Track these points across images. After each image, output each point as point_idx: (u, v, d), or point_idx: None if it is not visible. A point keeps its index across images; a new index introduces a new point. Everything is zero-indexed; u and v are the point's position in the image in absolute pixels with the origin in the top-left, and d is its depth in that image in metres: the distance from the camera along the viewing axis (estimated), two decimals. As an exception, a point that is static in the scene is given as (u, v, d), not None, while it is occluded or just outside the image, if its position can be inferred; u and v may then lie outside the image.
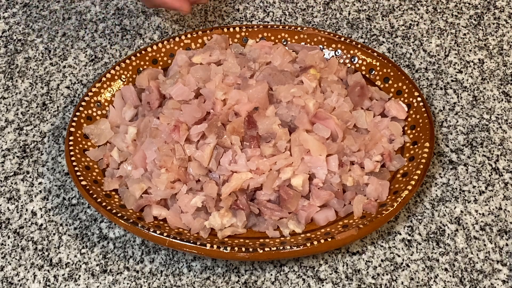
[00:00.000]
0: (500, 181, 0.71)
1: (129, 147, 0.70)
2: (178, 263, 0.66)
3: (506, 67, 0.81)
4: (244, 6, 0.88)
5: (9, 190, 0.72)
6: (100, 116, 0.74)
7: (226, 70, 0.72)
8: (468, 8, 0.88)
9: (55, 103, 0.79)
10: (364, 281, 0.64)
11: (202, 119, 0.68)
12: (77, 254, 0.67)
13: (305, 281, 0.64)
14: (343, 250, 0.66)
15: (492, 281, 0.64)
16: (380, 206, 0.66)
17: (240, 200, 0.65)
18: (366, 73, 0.77)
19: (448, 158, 0.73)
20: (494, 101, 0.78)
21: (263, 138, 0.67)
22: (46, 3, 0.90)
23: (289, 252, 0.62)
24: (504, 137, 0.75)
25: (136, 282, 0.65)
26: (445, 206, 0.69)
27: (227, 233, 0.65)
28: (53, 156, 0.74)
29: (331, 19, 0.86)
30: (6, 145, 0.75)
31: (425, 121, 0.71)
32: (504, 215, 0.69)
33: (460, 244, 0.67)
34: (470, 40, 0.84)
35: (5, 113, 0.78)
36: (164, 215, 0.66)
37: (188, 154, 0.67)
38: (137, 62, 0.77)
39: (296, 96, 0.69)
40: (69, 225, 0.69)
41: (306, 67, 0.74)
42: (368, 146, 0.69)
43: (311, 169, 0.66)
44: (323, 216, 0.66)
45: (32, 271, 0.66)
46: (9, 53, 0.84)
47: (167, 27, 0.86)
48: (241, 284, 0.65)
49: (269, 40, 0.80)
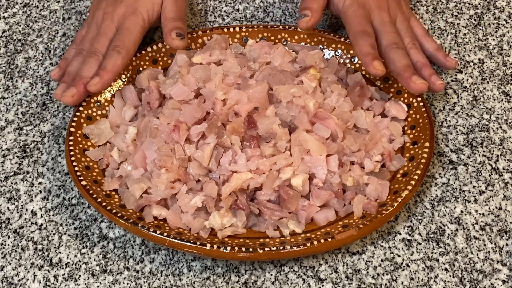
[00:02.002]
0: (500, 181, 0.71)
1: (129, 147, 0.70)
2: (178, 263, 0.66)
3: (506, 67, 0.81)
4: (244, 6, 0.89)
5: (9, 190, 0.72)
6: (100, 116, 0.74)
7: (226, 70, 0.72)
8: (468, 8, 0.88)
9: (55, 103, 0.79)
10: (364, 281, 0.64)
11: (202, 119, 0.68)
12: (77, 254, 0.67)
13: (305, 281, 0.64)
14: (343, 250, 0.66)
15: (492, 281, 0.64)
16: (380, 206, 0.66)
17: (240, 200, 0.65)
18: (366, 73, 0.77)
19: (448, 158, 0.73)
20: (494, 101, 0.78)
21: (263, 138, 0.67)
22: (46, 3, 0.90)
23: (289, 252, 0.62)
24: (504, 137, 0.75)
25: (136, 282, 0.65)
26: (445, 206, 0.69)
27: (227, 233, 0.65)
28: (53, 156, 0.74)
29: (331, 19, 0.86)
30: (6, 145, 0.75)
31: (425, 121, 0.71)
32: (504, 215, 0.69)
33: (460, 244, 0.67)
34: (470, 40, 0.84)
35: (5, 113, 0.78)
36: (164, 215, 0.66)
37: (188, 154, 0.67)
38: (137, 62, 0.77)
39: (296, 96, 0.69)
40: (69, 225, 0.69)
41: (306, 67, 0.74)
42: (368, 146, 0.69)
43: (311, 169, 0.66)
44: (323, 216, 0.66)
45: (32, 271, 0.66)
46: (9, 53, 0.84)
47: (167, 27, 0.86)
48: (241, 284, 0.65)
49: (269, 40, 0.80)
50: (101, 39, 0.75)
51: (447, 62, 0.78)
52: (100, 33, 0.76)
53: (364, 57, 0.71)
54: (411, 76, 0.70)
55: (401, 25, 0.77)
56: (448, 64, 0.78)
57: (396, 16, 0.77)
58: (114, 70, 0.72)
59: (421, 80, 0.70)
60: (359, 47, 0.72)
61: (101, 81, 0.71)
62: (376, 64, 0.70)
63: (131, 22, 0.76)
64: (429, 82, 0.72)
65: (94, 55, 0.74)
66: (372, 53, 0.70)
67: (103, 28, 0.76)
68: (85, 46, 0.77)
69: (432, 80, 0.73)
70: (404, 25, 0.77)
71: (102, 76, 0.72)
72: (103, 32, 0.76)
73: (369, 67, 0.70)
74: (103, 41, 0.75)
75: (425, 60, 0.75)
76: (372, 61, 0.70)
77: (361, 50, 0.71)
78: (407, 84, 0.70)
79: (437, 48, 0.79)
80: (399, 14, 0.78)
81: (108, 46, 0.75)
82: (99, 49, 0.75)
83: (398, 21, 0.77)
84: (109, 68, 0.72)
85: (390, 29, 0.74)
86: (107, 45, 0.75)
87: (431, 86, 0.73)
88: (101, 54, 0.74)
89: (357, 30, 0.73)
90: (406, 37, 0.76)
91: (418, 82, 0.69)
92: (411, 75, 0.70)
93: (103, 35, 0.76)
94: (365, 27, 0.73)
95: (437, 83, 0.73)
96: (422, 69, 0.74)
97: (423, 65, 0.74)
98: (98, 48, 0.75)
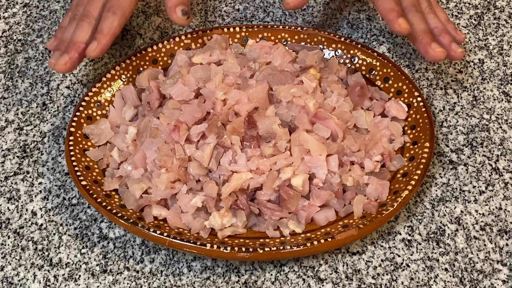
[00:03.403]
0: (500, 181, 0.71)
1: (129, 147, 0.70)
2: (178, 263, 0.66)
3: (506, 67, 0.81)
4: (244, 6, 0.89)
5: (9, 190, 0.72)
6: (100, 116, 0.74)
7: (226, 70, 0.72)
8: (468, 8, 0.88)
9: (55, 103, 0.79)
10: (364, 281, 0.64)
11: (202, 119, 0.68)
12: (77, 254, 0.67)
13: (305, 281, 0.64)
14: (343, 250, 0.66)
15: (492, 281, 0.64)
16: (380, 206, 0.66)
17: (240, 200, 0.65)
18: (366, 73, 0.77)
19: (448, 158, 0.73)
20: (494, 101, 0.78)
21: (263, 138, 0.67)
22: (46, 3, 0.90)
23: (289, 252, 0.62)
24: (504, 137, 0.75)
25: (136, 282, 0.65)
26: (445, 206, 0.69)
27: (227, 233, 0.65)
28: (53, 156, 0.74)
29: (331, 19, 0.86)
30: (6, 145, 0.75)
31: (425, 121, 0.71)
32: (504, 215, 0.69)
33: (460, 244, 0.67)
34: (470, 40, 0.84)
35: (5, 113, 0.78)
36: (164, 215, 0.66)
37: (188, 154, 0.67)
38: (137, 62, 0.77)
39: (296, 96, 0.69)
40: (69, 225, 0.69)
41: (306, 67, 0.74)
42: (368, 146, 0.69)
43: (311, 169, 0.66)
44: (323, 216, 0.66)
45: (32, 271, 0.66)
46: (9, 53, 0.84)
47: (167, 27, 0.86)
48: (241, 284, 0.65)
49: (269, 40, 0.80)
50: (94, 2, 0.72)
51: (457, 35, 0.74)
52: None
53: (388, 13, 0.67)
54: (430, 42, 0.67)
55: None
56: (458, 38, 0.74)
57: None
58: (111, 32, 0.69)
59: (440, 48, 0.67)
60: (381, 3, 0.68)
61: (100, 45, 0.68)
62: (401, 22, 0.66)
63: None
64: (449, 49, 0.70)
65: (87, 19, 0.71)
66: (397, 10, 0.67)
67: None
68: (79, 11, 0.74)
69: (453, 47, 0.70)
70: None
71: (100, 40, 0.69)
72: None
73: (394, 24, 0.66)
74: (96, 3, 0.72)
75: (443, 26, 0.72)
76: (397, 18, 0.66)
77: (385, 6, 0.67)
78: (425, 50, 0.68)
79: (447, 19, 0.75)
80: None
81: (101, 9, 0.72)
82: (91, 12, 0.71)
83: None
84: (106, 31, 0.69)
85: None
86: (100, 8, 0.72)
87: (450, 54, 0.70)
88: (93, 17, 0.71)
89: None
90: (424, 1, 0.74)
91: (438, 50, 0.67)
92: (430, 41, 0.67)
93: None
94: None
95: (458, 51, 0.70)
96: (441, 35, 0.71)
97: (442, 31, 0.71)
98: (90, 11, 0.72)
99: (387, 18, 0.67)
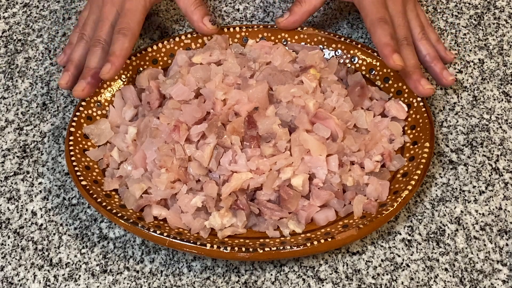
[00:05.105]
0: (500, 181, 0.71)
1: (129, 147, 0.70)
2: (178, 263, 0.66)
3: (506, 67, 0.81)
4: (244, 6, 0.88)
5: (9, 190, 0.72)
6: (100, 116, 0.74)
7: (226, 70, 0.72)
8: (468, 8, 0.88)
9: (55, 103, 0.79)
10: (364, 281, 0.64)
11: (202, 119, 0.68)
12: (77, 254, 0.67)
13: (305, 281, 0.64)
14: (343, 250, 0.66)
15: (492, 281, 0.64)
16: (380, 206, 0.66)
17: (240, 200, 0.65)
18: (366, 73, 0.77)
19: (448, 158, 0.73)
20: (494, 101, 0.78)
21: (263, 138, 0.67)
22: (46, 3, 0.90)
23: (289, 252, 0.62)
24: (504, 137, 0.75)
25: (136, 282, 0.65)
26: (445, 206, 0.69)
27: (227, 233, 0.65)
28: (53, 156, 0.74)
29: (331, 19, 0.86)
30: (6, 145, 0.75)
31: (425, 121, 0.71)
32: (504, 215, 0.69)
33: (460, 244, 0.67)
34: (470, 40, 0.84)
35: (5, 113, 0.78)
36: (164, 215, 0.66)
37: (188, 154, 0.67)
38: (137, 62, 0.77)
39: (296, 96, 0.69)
40: (69, 225, 0.69)
41: (306, 67, 0.74)
42: (368, 146, 0.69)
43: (311, 169, 0.66)
44: (323, 216, 0.66)
45: (32, 271, 0.66)
46: (9, 53, 0.84)
47: (167, 27, 0.86)
48: (241, 284, 0.65)
49: (269, 40, 0.80)
50: (104, 26, 0.75)
51: (447, 56, 0.77)
52: (101, 18, 0.75)
53: (383, 48, 0.68)
54: (420, 79, 0.70)
55: (411, 13, 0.76)
56: (447, 58, 0.77)
57: (407, 3, 0.76)
58: (123, 54, 0.72)
59: (429, 85, 0.70)
60: (377, 36, 0.69)
61: (113, 67, 0.71)
62: (396, 58, 0.67)
63: (132, 3, 0.75)
64: (440, 76, 0.72)
65: (99, 44, 0.73)
66: (392, 45, 0.68)
67: (104, 13, 0.75)
68: (87, 31, 0.76)
69: (444, 75, 0.72)
70: (414, 13, 0.76)
71: (113, 62, 0.71)
72: (105, 17, 0.75)
73: (388, 59, 0.67)
74: (106, 28, 0.74)
75: (434, 53, 0.74)
76: (392, 54, 0.67)
77: (380, 40, 0.69)
78: (415, 87, 0.70)
79: (437, 39, 0.77)
80: (409, 1, 0.76)
81: (111, 32, 0.74)
82: (102, 37, 0.74)
83: (408, 9, 0.75)
84: (118, 53, 0.71)
85: (401, 22, 0.73)
86: (110, 31, 0.74)
87: (441, 81, 0.73)
88: (105, 41, 0.74)
89: (374, 18, 0.70)
90: (416, 26, 0.75)
91: (427, 87, 0.70)
92: (419, 78, 0.70)
93: (105, 21, 0.75)
94: (383, 14, 0.71)
95: (449, 79, 0.73)
96: (433, 63, 0.73)
97: (433, 58, 0.74)
98: (101, 36, 0.74)
99: (383, 53, 0.68)
